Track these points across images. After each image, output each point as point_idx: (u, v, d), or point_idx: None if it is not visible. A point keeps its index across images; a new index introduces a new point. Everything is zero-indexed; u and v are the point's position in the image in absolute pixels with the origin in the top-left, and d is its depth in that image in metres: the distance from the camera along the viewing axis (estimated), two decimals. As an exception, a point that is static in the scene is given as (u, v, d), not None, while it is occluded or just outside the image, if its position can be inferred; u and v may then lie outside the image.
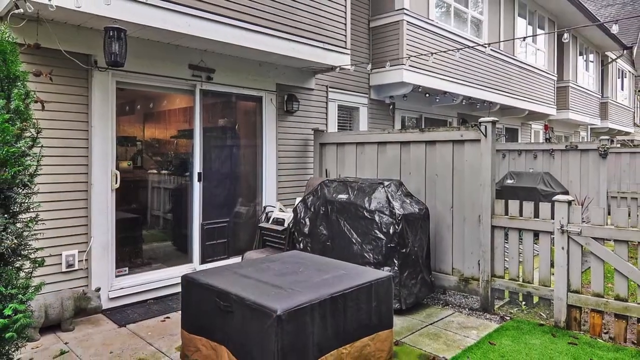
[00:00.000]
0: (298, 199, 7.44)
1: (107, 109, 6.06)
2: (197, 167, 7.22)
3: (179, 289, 6.58)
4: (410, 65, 9.71)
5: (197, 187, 7.22)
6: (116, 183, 6.19)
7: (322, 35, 7.80)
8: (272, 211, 7.80)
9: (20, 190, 2.87)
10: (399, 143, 7.24)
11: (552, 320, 5.63)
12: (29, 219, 2.94)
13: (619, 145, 15.71)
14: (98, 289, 5.67)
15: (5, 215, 2.73)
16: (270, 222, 7.57)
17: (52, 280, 5.53)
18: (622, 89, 25.78)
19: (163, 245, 7.12)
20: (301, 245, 6.70)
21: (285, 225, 7.22)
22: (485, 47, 9.66)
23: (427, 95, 11.47)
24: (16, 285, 2.77)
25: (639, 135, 29.62)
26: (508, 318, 5.80)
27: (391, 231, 5.81)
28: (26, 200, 2.91)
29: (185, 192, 7.24)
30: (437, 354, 4.78)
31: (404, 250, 5.86)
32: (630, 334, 5.23)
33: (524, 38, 9.32)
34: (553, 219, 5.57)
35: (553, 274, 5.62)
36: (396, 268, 5.80)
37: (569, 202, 5.46)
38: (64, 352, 4.77)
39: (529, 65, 14.97)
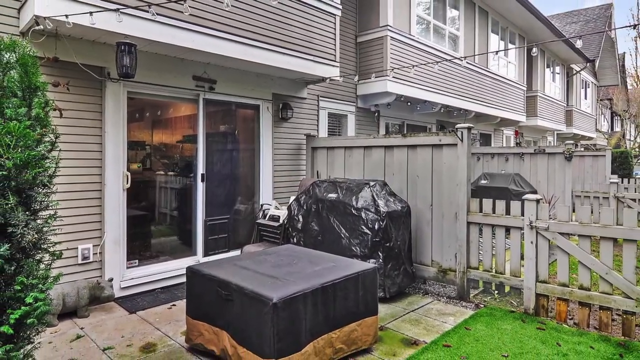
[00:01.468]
0: (292, 198, 7.45)
1: (119, 116, 6.07)
2: (201, 168, 7.23)
3: (184, 279, 6.59)
4: (393, 77, 9.75)
5: (200, 187, 7.22)
6: (127, 183, 6.19)
7: (314, 49, 7.82)
8: (269, 209, 7.81)
9: (40, 190, 2.87)
10: (384, 147, 7.27)
11: (522, 308, 5.68)
12: (48, 215, 2.95)
13: (582, 149, 15.81)
14: (111, 279, 5.67)
15: (27, 213, 2.73)
16: (266, 218, 7.58)
17: (69, 272, 5.55)
18: (586, 98, 25.95)
19: (169, 239, 7.12)
20: (295, 239, 6.71)
21: (281, 221, 7.23)
22: (462, 60, 9.70)
23: (409, 103, 11.50)
24: (36, 276, 2.78)
25: (600, 140, 29.83)
26: (482, 306, 5.84)
27: (376, 227, 5.85)
28: (46, 199, 2.91)
29: (190, 191, 7.24)
30: (418, 338, 4.81)
31: (387, 244, 5.90)
32: (592, 320, 5.30)
33: (497, 52, 9.39)
34: (523, 216, 5.61)
35: (523, 266, 5.66)
36: (381, 260, 5.83)
37: (538, 201, 5.51)
38: (80, 337, 4.77)
39: (501, 76, 15.04)
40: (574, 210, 11.33)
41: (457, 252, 6.22)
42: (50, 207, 2.96)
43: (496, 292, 6.25)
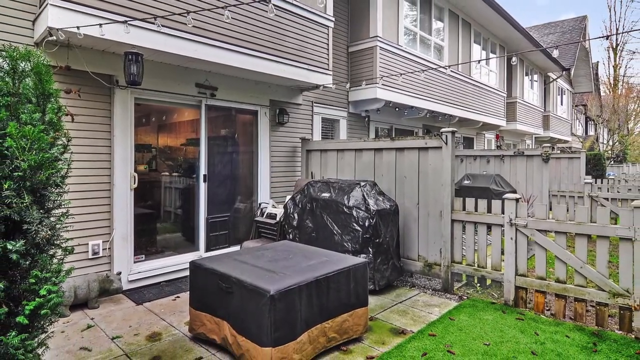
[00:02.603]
0: (288, 197, 7.47)
1: (127, 121, 6.06)
2: (203, 170, 7.23)
3: (187, 273, 6.62)
4: (382, 84, 9.78)
5: (202, 187, 7.23)
6: (134, 183, 6.19)
7: (309, 59, 7.84)
8: (266, 207, 7.82)
9: (53, 190, 2.87)
10: (373, 150, 7.29)
11: (502, 300, 5.72)
12: (60, 214, 2.95)
13: (559, 152, 15.89)
14: (119, 273, 5.67)
15: (41, 211, 2.73)
16: (264, 216, 7.59)
17: (80, 266, 5.55)
18: (562, 104, 26.08)
19: (174, 236, 7.11)
20: (290, 236, 6.73)
21: (277, 219, 7.25)
22: (446, 69, 9.77)
23: (397, 109, 11.53)
24: (50, 270, 2.78)
25: (575, 143, 29.99)
26: (465, 297, 5.87)
27: (366, 224, 5.87)
28: (58, 198, 2.91)
29: (193, 191, 7.24)
30: (405, 327, 4.83)
31: (377, 240, 5.92)
32: (568, 310, 5.33)
33: (479, 61, 9.44)
34: (503, 214, 5.64)
35: (503, 261, 5.69)
36: (371, 255, 5.85)
37: (517, 200, 5.53)
38: (91, 326, 4.78)
39: (483, 84, 15.10)
40: (550, 209, 11.39)
41: (442, 247, 6.25)
42: (63, 206, 2.97)
43: (478, 284, 6.28)
